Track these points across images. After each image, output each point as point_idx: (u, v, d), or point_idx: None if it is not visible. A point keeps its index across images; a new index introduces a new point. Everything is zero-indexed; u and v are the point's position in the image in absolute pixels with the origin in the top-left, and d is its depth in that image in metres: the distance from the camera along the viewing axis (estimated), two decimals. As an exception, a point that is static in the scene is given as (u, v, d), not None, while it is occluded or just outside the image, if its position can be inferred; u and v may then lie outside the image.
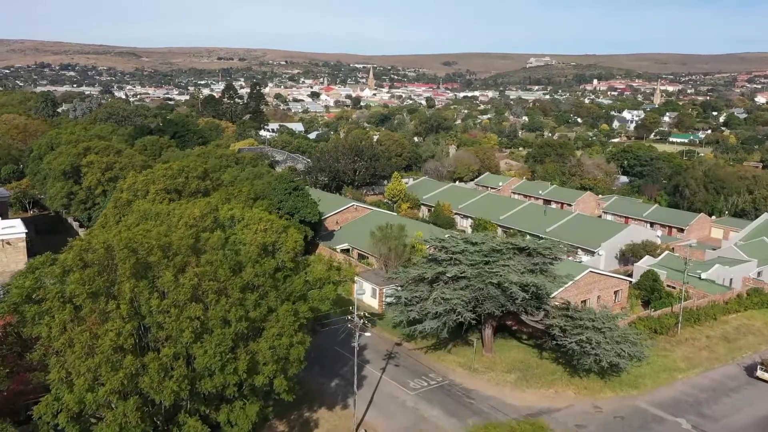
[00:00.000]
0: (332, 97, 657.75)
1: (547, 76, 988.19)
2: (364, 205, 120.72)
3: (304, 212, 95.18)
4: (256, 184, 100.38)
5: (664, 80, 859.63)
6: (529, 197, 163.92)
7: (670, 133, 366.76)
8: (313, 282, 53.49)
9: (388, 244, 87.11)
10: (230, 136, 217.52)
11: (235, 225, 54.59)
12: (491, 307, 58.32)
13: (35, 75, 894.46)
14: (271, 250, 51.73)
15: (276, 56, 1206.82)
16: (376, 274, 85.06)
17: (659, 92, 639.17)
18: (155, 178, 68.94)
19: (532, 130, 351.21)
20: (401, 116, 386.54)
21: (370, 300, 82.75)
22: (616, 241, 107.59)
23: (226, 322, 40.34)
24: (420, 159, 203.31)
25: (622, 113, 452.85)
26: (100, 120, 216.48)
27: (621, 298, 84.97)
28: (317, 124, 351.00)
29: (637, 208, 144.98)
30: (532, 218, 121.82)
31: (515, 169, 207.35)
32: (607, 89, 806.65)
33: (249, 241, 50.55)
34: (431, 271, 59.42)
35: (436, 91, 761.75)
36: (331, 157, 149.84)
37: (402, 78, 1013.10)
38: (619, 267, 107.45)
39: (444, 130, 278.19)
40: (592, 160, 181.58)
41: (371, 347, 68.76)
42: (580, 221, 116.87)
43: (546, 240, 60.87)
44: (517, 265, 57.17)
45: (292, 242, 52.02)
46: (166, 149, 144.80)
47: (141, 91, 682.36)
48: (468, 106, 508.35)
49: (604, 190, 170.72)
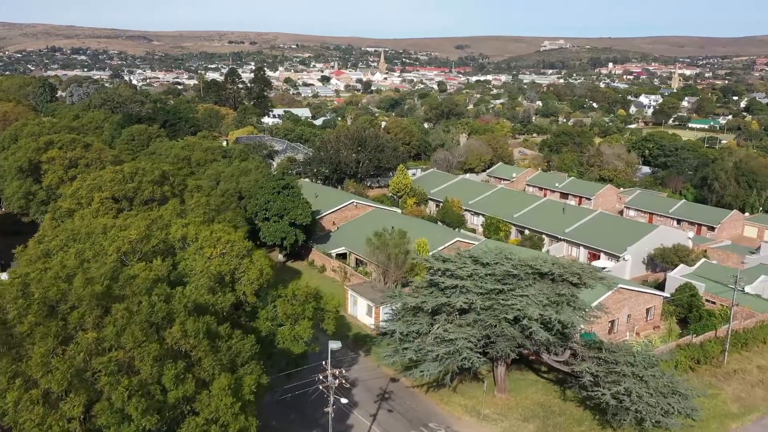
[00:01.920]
0: (343, 81, 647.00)
1: (562, 60, 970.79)
2: (365, 201, 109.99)
3: (294, 214, 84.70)
4: (241, 181, 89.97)
5: (681, 64, 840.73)
6: (544, 190, 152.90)
7: (689, 118, 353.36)
8: (283, 318, 43.02)
9: (386, 252, 76.44)
10: (229, 124, 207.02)
11: (188, 247, 44.15)
12: (505, 348, 47.40)
13: (46, 59, 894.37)
14: (230, 281, 41.29)
15: (287, 39, 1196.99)
16: (373, 287, 74.43)
17: (677, 76, 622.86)
18: (102, 183, 58.26)
19: (546, 116, 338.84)
20: (412, 101, 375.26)
21: (365, 318, 72.19)
22: (644, 245, 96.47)
23: (126, 419, 29.33)
24: (429, 147, 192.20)
25: (639, 98, 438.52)
26: (95, 106, 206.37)
27: (654, 316, 74.11)
28: (325, 110, 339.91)
29: (663, 203, 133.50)
30: (550, 217, 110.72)
31: (530, 158, 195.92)
32: (622, 73, 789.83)
33: (200, 270, 40.09)
34: (432, 300, 48.53)
35: (448, 75, 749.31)
36: (332, 148, 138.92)
37: (414, 62, 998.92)
38: (647, 273, 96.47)
39: (455, 116, 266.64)
40: (612, 149, 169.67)
41: (362, 383, 57.77)
42: (603, 221, 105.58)
43: (573, 263, 49.31)
44: (538, 295, 45.93)
45: (256, 271, 41.58)
46: (155, 139, 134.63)
47: (151, 76, 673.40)
48: (480, 91, 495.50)
49: (625, 183, 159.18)
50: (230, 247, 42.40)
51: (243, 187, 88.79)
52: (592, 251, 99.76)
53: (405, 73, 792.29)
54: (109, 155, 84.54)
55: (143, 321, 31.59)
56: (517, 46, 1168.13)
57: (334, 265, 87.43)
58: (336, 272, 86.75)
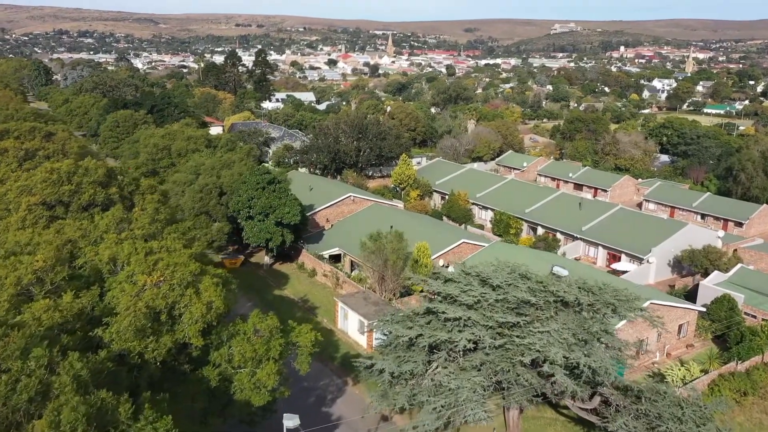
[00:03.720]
0: (350, 64, 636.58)
1: (572, 43, 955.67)
2: (363, 195, 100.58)
3: (281, 212, 75.50)
4: (223, 175, 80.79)
5: (694, 47, 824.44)
6: (557, 181, 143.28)
7: (704, 103, 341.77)
8: (241, 361, 33.97)
9: (383, 257, 67.35)
10: (226, 109, 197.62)
11: (119, 272, 35.16)
12: (521, 398, 37.81)
13: (53, 42, 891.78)
14: (167, 319, 32.27)
15: (294, 23, 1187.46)
16: (366, 298, 65.29)
17: (691, 60, 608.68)
18: (33, 184, 48.97)
19: (557, 100, 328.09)
20: (420, 85, 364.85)
21: (356, 335, 63.15)
22: (670, 245, 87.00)
23: None
24: (436, 134, 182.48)
25: (652, 82, 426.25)
26: (86, 90, 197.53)
27: (687, 333, 64.85)
28: (330, 94, 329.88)
29: (685, 196, 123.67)
30: (565, 212, 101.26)
31: (541, 145, 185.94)
32: (634, 57, 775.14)
33: (125, 308, 30.97)
34: (429, 333, 39.00)
35: (456, 58, 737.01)
36: (331, 135, 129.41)
37: (422, 45, 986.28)
38: (673, 277, 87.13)
39: (464, 101, 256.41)
40: (629, 136, 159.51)
41: (347, 425, 48.78)
42: (625, 218, 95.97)
43: (606, 288, 39.01)
44: (562, 331, 36.22)
45: (201, 306, 32.49)
46: (140, 126, 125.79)
47: (156, 59, 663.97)
48: (490, 75, 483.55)
49: (643, 172, 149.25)
50: (170, 274, 33.37)
51: (225, 181, 79.65)
52: (611, 252, 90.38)
53: (413, 56, 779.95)
54: (74, 146, 75.57)
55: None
56: (527, 29, 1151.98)
57: (325, 270, 78.36)
58: (327, 277, 77.70)
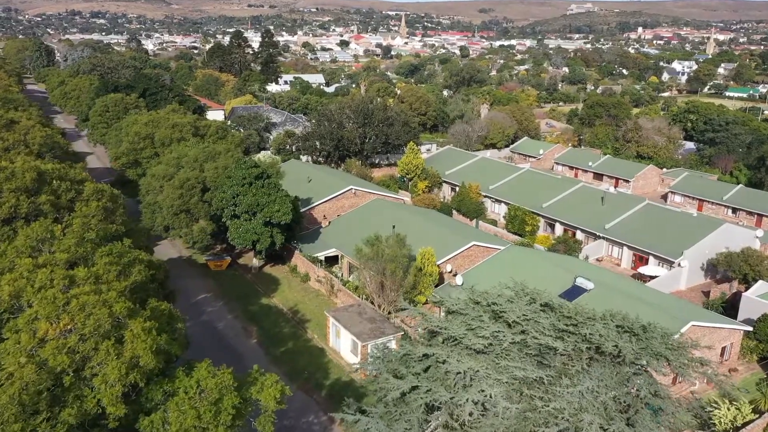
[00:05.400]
0: (362, 45, 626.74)
1: (589, 24, 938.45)
2: (366, 188, 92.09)
3: (270, 210, 67.38)
4: (207, 168, 72.65)
5: (714, 28, 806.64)
6: (575, 170, 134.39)
7: (726, 86, 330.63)
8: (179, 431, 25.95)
9: (381, 266, 59.16)
10: (228, 92, 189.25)
11: (21, 313, 27.20)
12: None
13: (66, 23, 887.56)
14: (76, 382, 24.34)
15: (307, 3, 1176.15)
16: (361, 313, 57.11)
17: (712, 41, 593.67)
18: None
19: (574, 83, 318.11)
20: (432, 67, 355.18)
21: (349, 356, 55.03)
22: (704, 247, 78.35)
23: None
24: (447, 119, 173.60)
25: (672, 64, 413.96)
26: (83, 72, 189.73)
27: (731, 356, 56.44)
28: (340, 76, 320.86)
29: (715, 188, 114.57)
30: (586, 207, 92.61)
31: (558, 131, 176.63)
32: (652, 38, 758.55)
33: (13, 368, 23.07)
34: (426, 387, 30.43)
35: (471, 39, 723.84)
36: (334, 121, 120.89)
37: (436, 26, 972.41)
38: (707, 282, 78.60)
39: (477, 83, 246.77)
40: (652, 122, 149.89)
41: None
42: (653, 215, 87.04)
43: (653, 331, 29.67)
44: (598, 392, 27.55)
45: (118, 366, 24.49)
46: (132, 110, 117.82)
47: (168, 40, 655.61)
48: (504, 56, 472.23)
49: (667, 161, 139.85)
50: (83, 320, 25.46)
51: (208, 175, 71.51)
52: (638, 254, 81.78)
53: (426, 37, 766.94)
54: (38, 136, 67.47)
55: None
56: (543, 10, 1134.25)
57: (319, 275, 70.20)
58: (322, 283, 69.60)
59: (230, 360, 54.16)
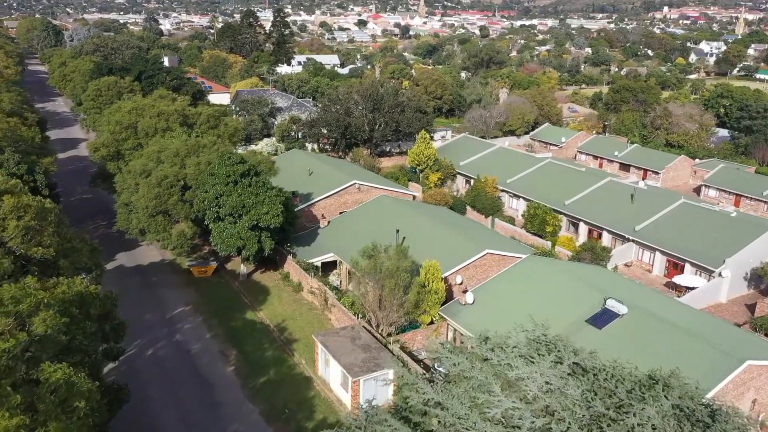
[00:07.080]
0: (380, 25, 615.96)
1: (612, 3, 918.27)
2: (371, 182, 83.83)
3: (258, 212, 59.44)
4: (188, 163, 64.70)
5: (744, 7, 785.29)
6: (600, 159, 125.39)
7: (756, 68, 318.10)
8: None
9: (379, 280, 51.10)
10: (235, 74, 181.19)
11: None
12: None
13: (84, 2, 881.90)
14: None
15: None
16: (354, 338, 49.06)
17: (742, 20, 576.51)
18: None
19: (597, 64, 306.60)
20: (451, 47, 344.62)
21: (339, 390, 47.10)
22: (748, 254, 69.58)
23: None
24: (464, 103, 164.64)
25: (700, 45, 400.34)
26: (85, 53, 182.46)
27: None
28: (356, 57, 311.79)
29: (753, 181, 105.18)
30: (614, 206, 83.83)
31: (581, 117, 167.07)
32: (678, 17, 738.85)
33: None
34: None
35: (491, 19, 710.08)
36: (342, 107, 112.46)
37: (456, 5, 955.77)
38: (751, 293, 69.95)
39: (496, 65, 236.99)
40: (683, 108, 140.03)
41: None
42: (690, 216, 77.91)
43: (722, 413, 22.38)
44: None
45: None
46: (126, 95, 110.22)
47: (185, 19, 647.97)
48: (525, 36, 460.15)
49: (699, 151, 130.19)
50: None
51: (190, 171, 63.55)
52: (672, 260, 73.11)
53: (446, 17, 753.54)
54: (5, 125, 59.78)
55: None
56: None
57: (312, 285, 62.19)
58: (315, 295, 61.65)
59: (198, 393, 46.59)
